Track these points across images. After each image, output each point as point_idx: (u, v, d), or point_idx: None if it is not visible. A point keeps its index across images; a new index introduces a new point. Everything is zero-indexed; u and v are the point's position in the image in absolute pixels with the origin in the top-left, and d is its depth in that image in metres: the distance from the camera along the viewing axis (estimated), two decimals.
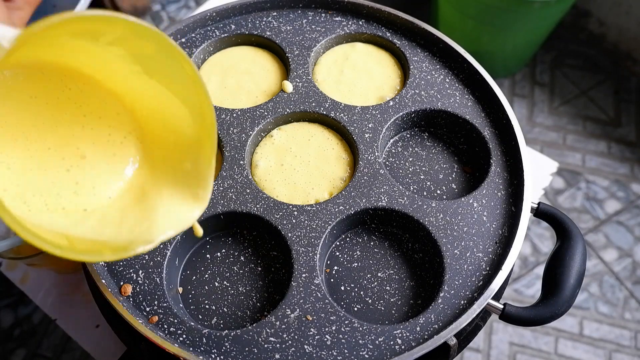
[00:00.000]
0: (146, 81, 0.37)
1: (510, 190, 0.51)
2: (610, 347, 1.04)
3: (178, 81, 0.36)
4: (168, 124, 0.39)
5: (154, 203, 0.38)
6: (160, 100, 0.38)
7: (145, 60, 0.35)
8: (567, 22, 1.42)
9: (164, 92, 0.37)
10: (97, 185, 0.39)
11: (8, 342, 0.99)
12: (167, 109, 0.38)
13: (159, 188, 0.39)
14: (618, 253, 1.15)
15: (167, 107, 0.38)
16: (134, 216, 0.38)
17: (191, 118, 0.38)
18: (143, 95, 0.39)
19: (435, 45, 0.59)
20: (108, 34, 0.32)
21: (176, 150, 0.39)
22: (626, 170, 1.24)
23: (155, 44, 0.33)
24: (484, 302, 0.44)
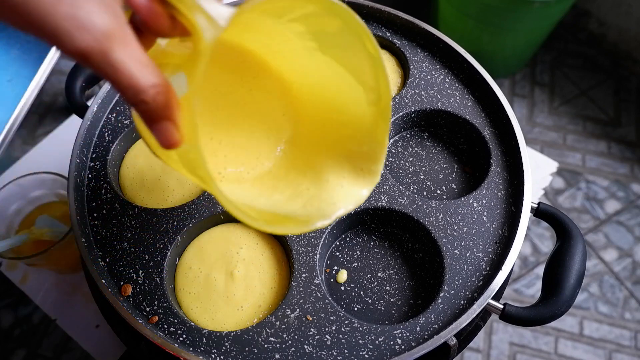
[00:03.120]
0: (318, 58, 0.37)
1: (510, 190, 0.51)
2: (611, 347, 1.04)
3: (355, 60, 0.36)
4: (333, 103, 0.39)
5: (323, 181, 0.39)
6: (329, 78, 0.38)
7: (323, 37, 0.35)
8: (567, 22, 1.42)
9: (337, 70, 0.37)
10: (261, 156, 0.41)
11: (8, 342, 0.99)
12: (335, 88, 0.38)
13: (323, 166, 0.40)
14: (618, 253, 1.15)
15: (336, 85, 0.38)
16: (307, 193, 0.39)
17: (364, 97, 0.37)
18: (309, 73, 0.39)
19: (435, 45, 0.59)
20: (297, 11, 0.33)
21: (341, 129, 0.40)
22: (626, 170, 1.24)
23: (342, 21, 0.33)
24: (484, 302, 0.44)
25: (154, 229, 0.48)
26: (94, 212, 0.49)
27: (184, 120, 0.29)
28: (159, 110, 0.28)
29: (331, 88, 0.39)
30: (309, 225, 0.36)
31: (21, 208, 0.66)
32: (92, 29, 0.24)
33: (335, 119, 0.40)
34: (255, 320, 0.45)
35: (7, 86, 0.71)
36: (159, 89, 0.27)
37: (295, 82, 0.41)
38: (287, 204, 0.38)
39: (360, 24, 0.33)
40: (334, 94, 0.39)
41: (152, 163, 0.53)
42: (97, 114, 0.53)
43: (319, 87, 0.40)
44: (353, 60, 0.36)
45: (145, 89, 0.27)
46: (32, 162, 0.77)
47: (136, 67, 0.26)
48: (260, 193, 0.39)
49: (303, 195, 0.39)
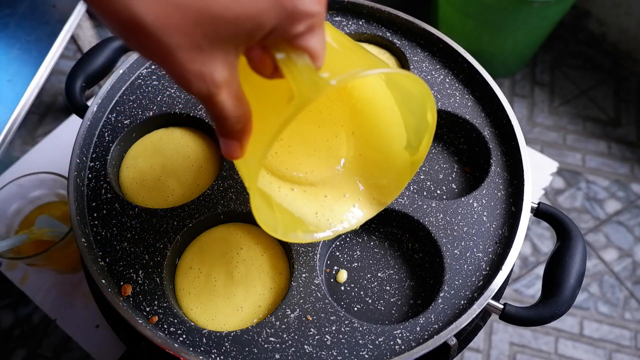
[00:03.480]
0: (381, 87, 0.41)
1: (510, 190, 0.51)
2: (611, 347, 1.04)
3: (410, 111, 0.40)
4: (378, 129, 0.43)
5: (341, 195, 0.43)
6: (382, 107, 0.42)
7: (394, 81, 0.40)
8: (567, 22, 1.42)
9: (392, 105, 0.41)
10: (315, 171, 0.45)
11: (8, 342, 0.99)
12: (384, 118, 0.42)
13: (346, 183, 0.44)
14: (618, 253, 1.15)
15: (386, 117, 0.42)
16: (324, 201, 0.43)
17: (405, 141, 0.42)
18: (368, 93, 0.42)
19: (435, 45, 0.59)
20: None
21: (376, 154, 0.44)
22: (626, 170, 1.24)
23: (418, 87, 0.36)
24: (484, 302, 0.44)
25: (154, 229, 0.48)
26: (94, 212, 0.49)
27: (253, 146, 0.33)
28: (233, 133, 0.31)
29: (381, 116, 0.42)
30: (314, 236, 0.41)
31: (21, 208, 0.66)
32: (210, 82, 0.28)
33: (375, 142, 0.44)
34: (255, 320, 0.45)
35: (7, 86, 0.71)
36: (241, 118, 0.31)
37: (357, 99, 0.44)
38: (305, 207, 0.42)
39: (431, 97, 0.36)
40: (380, 122, 0.42)
41: (152, 163, 0.53)
42: (97, 114, 0.53)
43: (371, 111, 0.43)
44: (409, 110, 0.40)
45: (231, 117, 0.30)
46: (32, 162, 0.77)
47: (231, 102, 0.30)
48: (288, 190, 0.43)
49: (320, 202, 0.42)
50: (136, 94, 0.55)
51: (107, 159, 0.51)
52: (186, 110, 0.54)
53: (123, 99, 0.55)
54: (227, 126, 0.31)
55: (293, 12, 0.27)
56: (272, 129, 0.31)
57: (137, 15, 0.24)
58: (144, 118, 0.54)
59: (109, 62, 0.56)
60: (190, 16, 0.25)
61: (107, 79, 0.54)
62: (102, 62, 0.55)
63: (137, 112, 0.54)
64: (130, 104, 0.54)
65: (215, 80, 0.28)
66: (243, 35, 0.27)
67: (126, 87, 0.55)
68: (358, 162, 0.45)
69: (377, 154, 0.43)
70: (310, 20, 0.28)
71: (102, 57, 0.55)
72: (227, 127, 0.31)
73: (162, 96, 0.55)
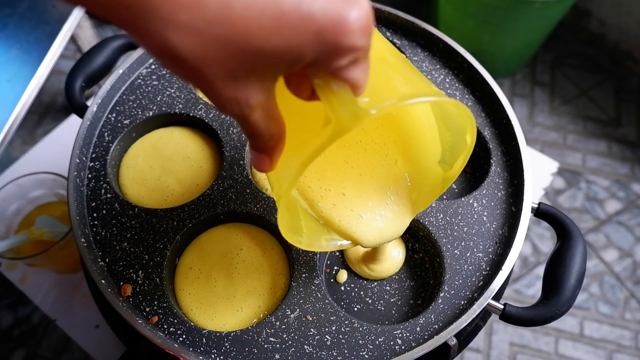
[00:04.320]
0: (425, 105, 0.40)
1: (511, 190, 0.51)
2: (611, 347, 1.04)
3: (449, 128, 0.40)
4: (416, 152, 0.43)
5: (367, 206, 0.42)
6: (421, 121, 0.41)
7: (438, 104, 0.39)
8: (567, 22, 1.42)
9: (431, 120, 0.41)
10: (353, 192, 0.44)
11: (8, 342, 0.99)
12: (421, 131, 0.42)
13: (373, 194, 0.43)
14: (618, 253, 1.14)
15: (423, 130, 0.41)
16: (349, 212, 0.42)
17: (439, 157, 0.41)
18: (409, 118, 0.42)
19: (435, 45, 0.59)
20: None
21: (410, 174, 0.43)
22: (627, 170, 1.24)
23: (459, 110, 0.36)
24: (484, 302, 0.44)
25: (154, 229, 0.48)
26: (94, 212, 0.49)
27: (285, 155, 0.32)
28: (265, 149, 0.31)
29: (418, 127, 0.42)
30: (337, 243, 0.40)
31: (21, 208, 0.66)
32: (244, 105, 0.27)
33: (410, 154, 0.43)
34: (255, 320, 0.45)
35: (7, 86, 0.71)
36: (274, 137, 0.31)
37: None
38: (330, 211, 0.41)
39: (473, 122, 0.36)
40: (417, 133, 0.42)
41: (152, 163, 0.53)
42: (97, 114, 0.53)
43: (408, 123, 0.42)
44: (447, 127, 0.40)
45: (264, 135, 0.30)
46: (32, 162, 0.77)
47: (265, 122, 0.29)
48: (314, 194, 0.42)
49: (346, 212, 0.42)
50: (136, 94, 0.55)
51: (106, 159, 0.51)
52: (186, 110, 0.54)
53: (123, 99, 0.54)
54: (259, 143, 0.31)
55: (336, 46, 0.26)
56: (306, 153, 0.30)
57: (173, 47, 0.24)
58: (143, 118, 0.54)
59: (109, 62, 0.56)
60: (228, 48, 0.24)
61: (106, 78, 0.54)
62: (102, 62, 0.55)
63: (137, 112, 0.54)
64: (130, 104, 0.54)
65: (250, 104, 0.27)
66: (282, 66, 0.26)
67: (126, 87, 0.55)
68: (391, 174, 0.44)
69: (411, 166, 0.43)
70: (354, 55, 0.27)
71: (102, 57, 0.55)
72: (259, 143, 0.31)
73: (162, 96, 0.55)
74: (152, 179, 0.52)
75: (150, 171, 0.52)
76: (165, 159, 0.53)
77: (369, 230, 0.41)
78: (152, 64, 0.56)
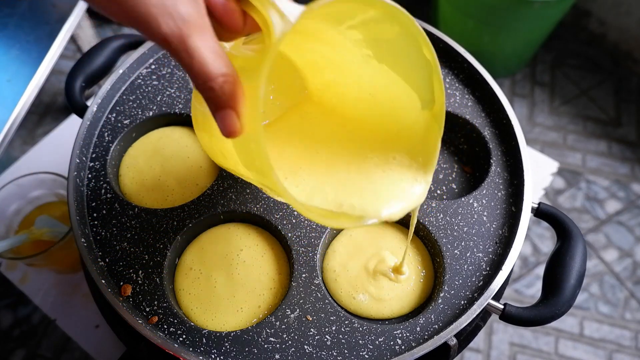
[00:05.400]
0: (374, 66, 0.38)
1: (511, 190, 0.51)
2: (611, 347, 1.04)
3: (410, 66, 0.37)
4: (388, 112, 0.41)
5: (377, 188, 0.40)
6: (383, 87, 0.39)
7: (380, 44, 0.37)
8: (567, 22, 1.42)
9: (391, 77, 0.38)
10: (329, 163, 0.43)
11: (8, 342, 0.99)
12: (389, 96, 0.40)
13: (376, 173, 0.41)
14: (618, 253, 1.14)
15: (390, 93, 0.40)
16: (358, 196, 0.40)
17: (418, 103, 0.39)
18: (364, 85, 0.40)
19: (435, 45, 0.59)
20: (358, 16, 0.34)
21: (393, 135, 0.41)
22: (626, 170, 1.24)
23: (401, 27, 0.34)
24: (484, 302, 0.44)
25: (154, 229, 0.48)
26: (94, 212, 0.49)
27: (247, 112, 0.31)
28: (224, 98, 0.29)
29: (385, 97, 0.40)
30: (360, 221, 0.38)
31: (21, 208, 0.66)
32: (176, 16, 0.27)
33: (391, 127, 0.41)
34: (255, 320, 0.45)
35: (7, 86, 0.71)
36: (227, 79, 0.29)
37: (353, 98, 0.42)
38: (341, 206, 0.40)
39: (420, 30, 0.34)
40: (388, 103, 0.41)
41: (152, 163, 0.53)
42: (97, 114, 0.53)
43: (374, 98, 0.41)
44: (408, 66, 0.37)
45: (215, 77, 0.29)
46: (32, 162, 0.77)
47: (209, 56, 0.28)
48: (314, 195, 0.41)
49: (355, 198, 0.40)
50: (136, 94, 0.55)
51: (106, 159, 0.51)
52: (186, 110, 0.54)
53: (123, 99, 0.54)
54: (214, 89, 0.29)
55: None
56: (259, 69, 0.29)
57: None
58: (143, 118, 0.54)
59: (109, 62, 0.56)
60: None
61: (106, 78, 0.54)
62: (102, 62, 0.55)
63: (137, 112, 0.54)
64: (130, 104, 0.54)
65: (182, 15, 0.27)
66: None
67: (126, 87, 0.55)
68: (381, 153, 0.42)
69: (399, 138, 0.41)
70: None
71: (102, 57, 0.55)
72: (214, 90, 0.29)
73: (162, 96, 0.55)
74: (152, 179, 0.52)
75: (150, 171, 0.52)
76: (165, 159, 0.53)
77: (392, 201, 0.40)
78: (152, 64, 0.57)
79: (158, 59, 0.57)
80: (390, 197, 0.39)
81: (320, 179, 0.41)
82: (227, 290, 0.47)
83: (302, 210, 0.33)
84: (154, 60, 0.57)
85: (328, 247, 0.49)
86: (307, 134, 0.44)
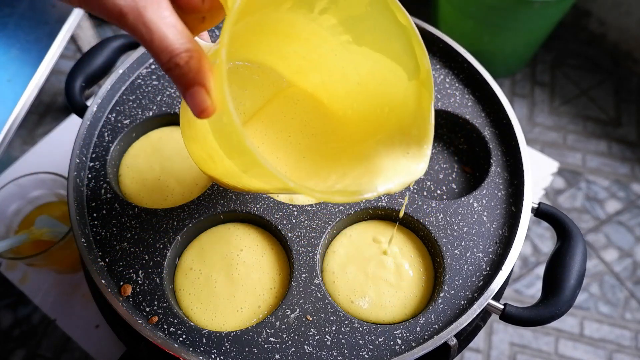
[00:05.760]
0: (355, 51, 0.38)
1: (511, 190, 0.51)
2: (611, 347, 1.04)
3: (388, 39, 0.37)
4: (377, 94, 0.40)
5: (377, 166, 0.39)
6: (368, 70, 0.39)
7: (354, 25, 0.36)
8: (567, 22, 1.42)
9: (373, 57, 0.38)
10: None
11: (8, 342, 0.99)
12: (376, 77, 0.39)
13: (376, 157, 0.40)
14: (618, 253, 1.14)
15: (376, 74, 0.39)
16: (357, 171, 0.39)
17: (405, 74, 0.38)
18: (350, 75, 0.40)
19: (435, 45, 0.59)
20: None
21: (386, 115, 0.40)
22: (627, 170, 1.24)
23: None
24: (484, 302, 0.44)
25: (154, 229, 0.48)
26: (94, 212, 0.49)
27: (217, 89, 0.30)
28: (191, 74, 0.28)
29: (372, 81, 0.40)
30: (356, 196, 0.37)
31: (20, 208, 0.66)
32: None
33: (383, 109, 0.41)
34: (255, 320, 0.45)
35: (7, 86, 0.71)
36: (192, 54, 0.28)
37: (342, 94, 0.42)
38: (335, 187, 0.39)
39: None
40: (376, 86, 0.40)
41: (152, 163, 0.53)
42: (97, 114, 0.53)
43: (361, 86, 0.41)
44: (386, 39, 0.37)
45: (179, 52, 0.28)
46: (32, 162, 0.77)
47: (170, 31, 0.28)
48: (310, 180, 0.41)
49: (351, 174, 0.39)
50: (136, 94, 0.55)
51: (106, 159, 0.51)
52: None
53: (123, 99, 0.54)
54: (180, 66, 0.28)
55: None
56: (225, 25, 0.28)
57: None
58: (143, 118, 0.54)
59: (109, 62, 0.56)
60: None
61: (106, 78, 0.54)
62: (102, 62, 0.55)
63: (137, 112, 0.54)
64: (130, 104, 0.54)
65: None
66: None
67: (126, 87, 0.55)
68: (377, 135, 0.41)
69: (392, 118, 0.40)
70: None
71: (102, 57, 0.55)
72: (180, 67, 0.28)
73: (162, 96, 0.55)
74: (152, 179, 0.52)
75: (150, 171, 0.52)
76: (165, 159, 0.53)
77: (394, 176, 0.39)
78: (152, 64, 0.56)
79: None
80: (387, 173, 0.39)
81: (314, 167, 0.41)
82: (227, 290, 0.47)
83: (295, 187, 0.32)
84: (154, 60, 0.57)
85: (328, 247, 0.49)
86: (295, 125, 0.44)
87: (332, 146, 0.42)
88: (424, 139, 0.39)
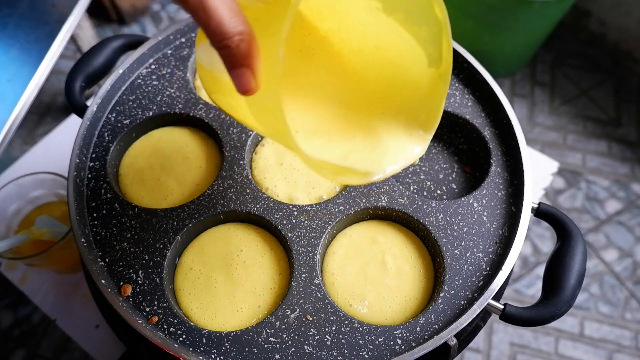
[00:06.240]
0: (381, 19, 0.38)
1: (511, 190, 0.51)
2: (611, 347, 1.04)
3: (419, 22, 0.37)
4: (393, 66, 0.41)
5: (380, 141, 0.41)
6: (389, 41, 0.39)
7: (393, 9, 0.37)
8: (567, 22, 1.42)
9: (398, 32, 0.38)
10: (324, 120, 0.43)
11: (8, 342, 0.99)
12: (395, 50, 0.40)
13: (381, 128, 0.41)
14: (618, 253, 1.14)
15: (396, 47, 0.39)
16: (362, 150, 0.40)
17: (425, 60, 0.39)
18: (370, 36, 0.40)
19: None
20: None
21: (400, 93, 0.41)
22: (626, 170, 1.24)
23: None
24: (484, 302, 0.44)
25: (154, 229, 0.48)
26: (94, 212, 0.49)
27: (264, 70, 0.30)
28: (240, 57, 0.29)
29: (390, 50, 0.40)
30: (367, 177, 0.38)
31: (20, 208, 0.66)
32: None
33: (395, 82, 0.41)
34: (255, 320, 0.45)
35: (7, 86, 0.71)
36: (243, 37, 0.29)
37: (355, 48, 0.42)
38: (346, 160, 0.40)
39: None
40: (393, 56, 0.40)
41: (151, 163, 0.53)
42: (97, 114, 0.53)
43: (378, 50, 0.41)
44: (417, 22, 0.37)
45: (231, 35, 0.29)
46: (32, 162, 0.77)
47: (226, 14, 0.28)
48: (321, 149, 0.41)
49: (359, 152, 0.40)
50: (136, 94, 0.55)
51: (106, 159, 0.51)
52: (186, 110, 0.54)
53: (123, 99, 0.54)
54: (230, 47, 0.29)
55: None
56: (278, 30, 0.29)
57: None
58: (143, 118, 0.54)
59: (109, 62, 0.56)
60: None
61: (106, 78, 0.54)
62: (102, 62, 0.55)
63: (137, 112, 0.54)
64: (130, 104, 0.54)
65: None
66: None
67: (126, 87, 0.55)
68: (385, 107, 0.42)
69: (404, 92, 0.41)
70: None
71: (102, 57, 0.55)
72: (230, 48, 0.29)
73: (162, 96, 0.55)
74: (152, 179, 0.52)
75: (150, 171, 0.52)
76: (165, 159, 0.53)
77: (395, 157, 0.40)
78: (152, 64, 0.56)
79: (158, 59, 0.57)
80: (392, 153, 0.40)
81: (327, 134, 0.41)
82: (227, 290, 0.47)
83: (312, 165, 0.33)
84: (154, 60, 0.57)
85: (328, 247, 0.49)
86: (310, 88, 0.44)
87: (346, 115, 0.42)
88: (430, 127, 0.40)
